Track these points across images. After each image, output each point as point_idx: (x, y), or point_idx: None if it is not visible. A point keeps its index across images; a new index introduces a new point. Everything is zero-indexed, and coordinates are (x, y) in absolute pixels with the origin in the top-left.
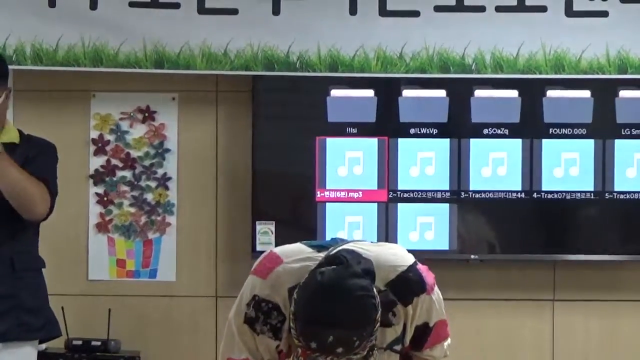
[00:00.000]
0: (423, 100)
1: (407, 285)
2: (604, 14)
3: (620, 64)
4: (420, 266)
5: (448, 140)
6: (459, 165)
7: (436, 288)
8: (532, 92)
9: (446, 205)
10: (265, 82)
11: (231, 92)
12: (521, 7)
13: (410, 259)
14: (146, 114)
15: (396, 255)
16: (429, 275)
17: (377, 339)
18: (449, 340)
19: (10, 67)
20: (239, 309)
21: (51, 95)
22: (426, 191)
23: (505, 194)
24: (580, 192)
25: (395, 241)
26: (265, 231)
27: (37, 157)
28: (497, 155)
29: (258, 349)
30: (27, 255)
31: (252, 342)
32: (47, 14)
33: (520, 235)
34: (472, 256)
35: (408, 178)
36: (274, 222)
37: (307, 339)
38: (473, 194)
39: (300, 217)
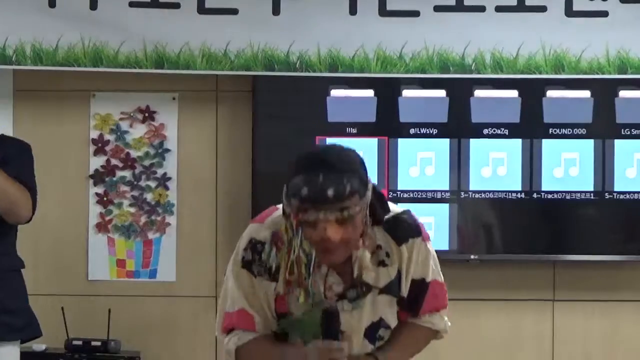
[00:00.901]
0: (423, 100)
1: (401, 226)
2: (604, 14)
3: (620, 64)
4: (414, 215)
5: (448, 140)
6: (459, 165)
7: (433, 247)
8: (532, 92)
9: (446, 205)
10: (265, 82)
11: (231, 92)
12: (521, 7)
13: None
14: (146, 114)
15: (391, 205)
16: (424, 227)
17: (368, 220)
18: (448, 323)
19: (10, 67)
20: (236, 259)
21: (51, 95)
22: (426, 191)
23: (505, 194)
24: (580, 192)
25: None
26: None
27: (13, 158)
28: (497, 155)
29: (255, 293)
30: (6, 256)
31: (250, 287)
32: (47, 14)
33: (520, 235)
34: (472, 256)
35: (408, 178)
36: None
37: (298, 189)
38: (473, 194)
39: None
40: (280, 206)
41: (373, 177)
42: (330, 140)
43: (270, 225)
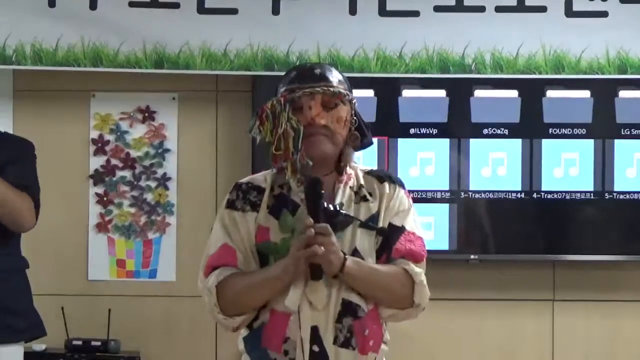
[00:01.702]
0: (423, 100)
1: (384, 172)
2: (603, 14)
3: (620, 64)
4: None
5: (448, 140)
6: (459, 165)
7: (413, 206)
8: (531, 92)
9: (446, 205)
10: (265, 82)
11: (231, 92)
12: (521, 7)
13: None
14: (146, 114)
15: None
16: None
17: (355, 117)
18: (427, 289)
19: (10, 67)
20: (222, 206)
21: (51, 95)
22: (426, 191)
23: (505, 194)
24: (580, 192)
25: None
26: None
27: (16, 161)
28: (497, 155)
29: (238, 229)
30: (9, 257)
31: (233, 224)
32: (47, 14)
33: (520, 235)
34: (472, 256)
35: (408, 178)
36: None
37: (288, 72)
38: (473, 194)
39: None
40: None
41: None
42: None
43: (258, 174)
